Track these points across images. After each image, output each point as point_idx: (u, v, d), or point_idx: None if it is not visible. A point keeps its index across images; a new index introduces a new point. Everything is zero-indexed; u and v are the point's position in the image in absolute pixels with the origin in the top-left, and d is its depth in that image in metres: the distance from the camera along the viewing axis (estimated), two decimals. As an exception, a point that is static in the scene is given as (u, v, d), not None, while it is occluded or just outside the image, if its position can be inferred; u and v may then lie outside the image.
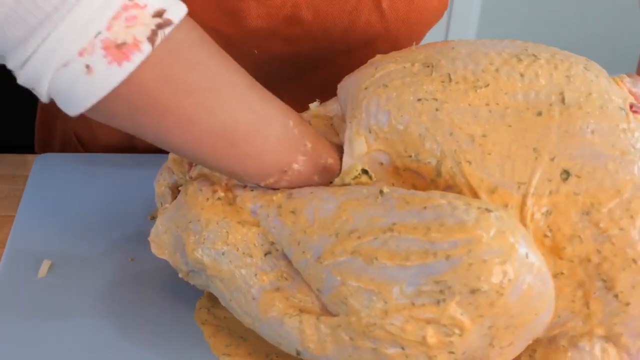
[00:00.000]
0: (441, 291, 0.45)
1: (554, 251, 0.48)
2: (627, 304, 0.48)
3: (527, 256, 0.45)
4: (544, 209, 0.48)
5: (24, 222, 0.69)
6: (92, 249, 0.66)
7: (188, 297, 0.61)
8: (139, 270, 0.64)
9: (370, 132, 0.52)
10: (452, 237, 0.45)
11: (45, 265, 0.63)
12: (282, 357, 0.55)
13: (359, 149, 0.53)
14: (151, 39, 0.43)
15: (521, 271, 0.45)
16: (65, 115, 0.46)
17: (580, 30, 2.42)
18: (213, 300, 0.59)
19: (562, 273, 0.48)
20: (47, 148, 0.92)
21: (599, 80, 0.52)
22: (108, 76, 0.43)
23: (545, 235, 0.48)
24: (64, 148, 0.90)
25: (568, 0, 2.41)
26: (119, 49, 0.42)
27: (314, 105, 0.62)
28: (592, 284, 0.48)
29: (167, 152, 0.59)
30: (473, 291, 0.44)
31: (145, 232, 0.59)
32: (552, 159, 0.49)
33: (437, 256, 0.45)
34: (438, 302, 0.45)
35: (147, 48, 0.43)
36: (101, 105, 0.44)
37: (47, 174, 0.76)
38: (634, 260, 0.47)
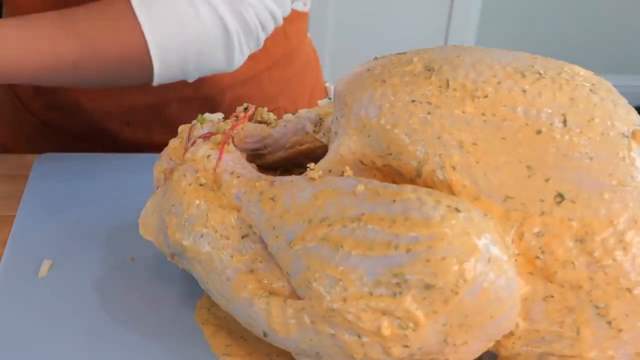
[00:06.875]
0: (398, 284, 0.45)
1: (545, 274, 0.48)
2: (620, 330, 0.48)
3: (489, 260, 0.45)
4: (535, 229, 0.48)
5: (24, 222, 0.69)
6: (92, 249, 0.66)
7: (188, 297, 0.61)
8: (139, 270, 0.64)
9: (358, 121, 0.52)
10: (415, 231, 0.45)
11: (45, 265, 0.63)
12: (282, 357, 0.55)
13: (347, 145, 0.53)
14: None
15: (481, 273, 0.45)
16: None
17: (581, 30, 2.42)
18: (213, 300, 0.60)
19: (552, 296, 0.48)
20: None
21: (604, 104, 0.51)
22: None
23: (537, 257, 0.48)
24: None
25: (568, 0, 2.41)
26: None
27: (322, 102, 0.62)
28: (583, 310, 0.48)
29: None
30: (428, 287, 0.45)
31: (145, 232, 0.59)
32: (547, 180, 0.48)
33: (398, 249, 0.46)
34: (394, 295, 0.46)
35: None
36: None
37: (47, 174, 0.76)
38: (629, 290, 0.47)
